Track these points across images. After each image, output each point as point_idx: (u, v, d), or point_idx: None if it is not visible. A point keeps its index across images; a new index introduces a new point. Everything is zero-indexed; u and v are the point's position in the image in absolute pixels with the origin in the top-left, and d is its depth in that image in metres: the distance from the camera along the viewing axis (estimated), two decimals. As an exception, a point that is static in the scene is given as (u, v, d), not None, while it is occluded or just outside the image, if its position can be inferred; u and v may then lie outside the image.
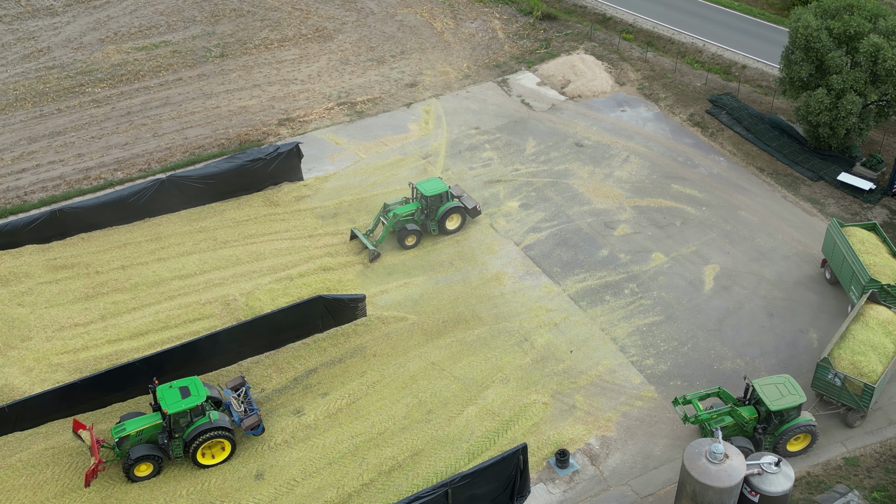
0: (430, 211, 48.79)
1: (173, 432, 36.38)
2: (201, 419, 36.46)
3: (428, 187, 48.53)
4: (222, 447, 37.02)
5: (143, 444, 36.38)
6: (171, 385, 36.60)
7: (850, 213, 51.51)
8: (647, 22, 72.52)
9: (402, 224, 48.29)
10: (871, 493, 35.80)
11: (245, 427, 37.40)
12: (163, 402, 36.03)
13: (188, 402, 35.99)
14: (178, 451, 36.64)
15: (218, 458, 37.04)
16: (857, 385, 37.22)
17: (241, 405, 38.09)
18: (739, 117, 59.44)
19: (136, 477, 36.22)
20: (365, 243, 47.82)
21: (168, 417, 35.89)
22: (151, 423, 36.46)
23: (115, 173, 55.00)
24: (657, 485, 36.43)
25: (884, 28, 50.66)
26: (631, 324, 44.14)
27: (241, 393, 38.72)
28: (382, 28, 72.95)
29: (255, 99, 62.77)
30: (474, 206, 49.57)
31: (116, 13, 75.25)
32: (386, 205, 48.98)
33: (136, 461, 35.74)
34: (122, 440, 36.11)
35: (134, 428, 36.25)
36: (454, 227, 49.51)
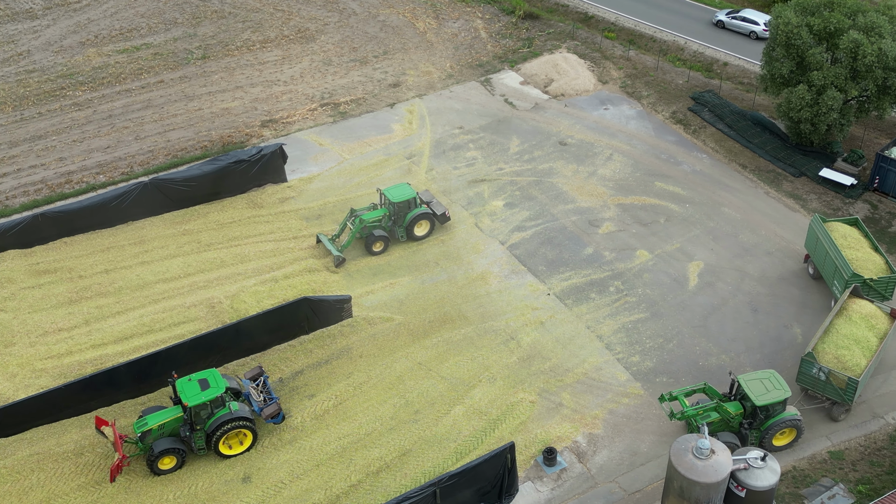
0: (398, 217, 48.29)
1: (195, 424, 36.64)
2: (222, 410, 36.75)
3: (395, 193, 48.02)
4: (244, 437, 37.38)
5: (166, 437, 36.68)
6: (191, 378, 36.81)
7: (832, 208, 51.86)
8: (628, 20, 72.76)
9: (369, 230, 47.91)
10: (856, 486, 36.06)
11: (266, 416, 37.87)
12: (183, 395, 36.20)
13: (208, 394, 36.24)
14: (200, 442, 36.93)
15: (240, 448, 37.45)
16: (841, 379, 37.47)
17: (260, 395, 38.63)
18: (721, 114, 59.73)
19: (160, 470, 36.53)
20: (329, 248, 47.28)
21: (189, 410, 36.14)
22: (173, 416, 36.69)
23: (97, 177, 54.68)
24: (644, 481, 36.57)
25: (863, 24, 51.01)
26: (616, 321, 44.28)
27: (259, 383, 39.21)
28: (365, 28, 72.86)
29: (238, 101, 62.55)
30: (443, 213, 48.97)
31: (97, 16, 74.80)
32: (353, 209, 48.46)
33: (159, 455, 35.99)
34: (144, 434, 36.39)
35: (156, 422, 36.53)
36: (423, 233, 49.01)
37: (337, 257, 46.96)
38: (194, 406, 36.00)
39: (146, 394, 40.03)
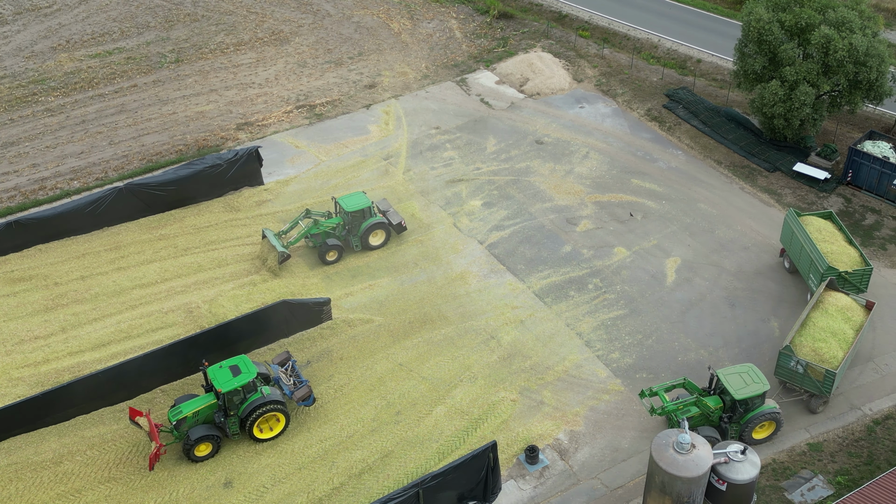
0: (353, 226, 47.74)
1: (228, 410, 37.25)
2: (254, 395, 37.39)
3: (350, 202, 47.41)
4: (277, 420, 37.92)
5: (201, 424, 37.22)
6: (221, 365, 37.48)
7: (806, 202, 52.34)
8: (602, 19, 73.07)
9: (322, 238, 47.49)
10: (834, 477, 36.40)
11: (297, 399, 38.31)
12: (215, 381, 36.80)
13: (240, 380, 36.88)
14: (234, 428, 37.62)
15: (274, 431, 38.01)
16: (818, 371, 37.80)
17: (290, 378, 39.18)
18: (696, 111, 60.12)
19: (197, 457, 37.03)
20: (274, 244, 46.35)
21: (222, 396, 36.70)
22: (206, 403, 37.27)
23: (71, 183, 54.17)
24: (626, 477, 36.72)
25: (833, 19, 51.50)
26: (596, 318, 44.44)
27: (287, 367, 39.78)
28: (339, 30, 72.68)
29: (213, 104, 62.19)
30: (399, 222, 48.34)
31: (68, 20, 74.12)
32: (308, 210, 47.86)
33: (196, 442, 36.54)
34: (179, 422, 36.89)
35: (190, 409, 37.07)
36: (378, 242, 48.37)
37: (282, 253, 46.04)
38: (227, 392, 36.60)
39: (125, 400, 39.72)
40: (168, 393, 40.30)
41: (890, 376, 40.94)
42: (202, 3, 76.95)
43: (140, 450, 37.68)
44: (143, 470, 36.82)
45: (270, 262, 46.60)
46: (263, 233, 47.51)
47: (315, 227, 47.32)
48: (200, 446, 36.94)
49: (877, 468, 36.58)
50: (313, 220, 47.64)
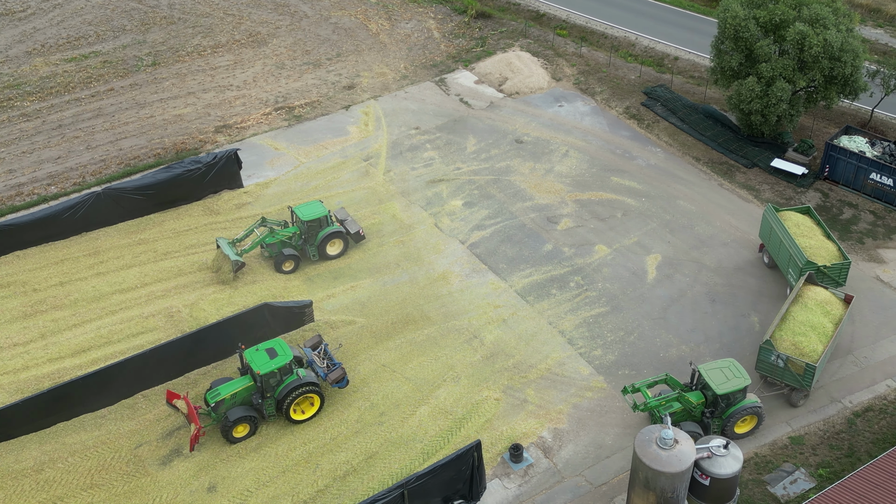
0: (309, 236, 47.15)
1: (265, 392, 37.91)
2: (290, 377, 38.14)
3: (306, 211, 46.79)
4: (311, 402, 38.76)
5: (238, 406, 37.91)
6: (258, 348, 38.19)
7: (784, 197, 52.73)
8: (580, 17, 73.32)
9: (278, 248, 46.99)
10: (816, 470, 36.70)
11: (331, 381, 39.06)
12: (253, 364, 37.46)
13: (277, 362, 37.58)
14: (270, 409, 38.37)
15: (309, 412, 38.81)
16: (799, 365, 38.09)
17: (323, 361, 39.94)
18: (674, 108, 60.44)
19: (235, 438, 37.80)
20: (227, 253, 45.65)
21: (259, 378, 37.38)
22: (243, 385, 37.98)
23: (48, 188, 53.73)
24: (610, 473, 36.86)
25: (808, 16, 51.93)
26: (578, 316, 44.58)
27: (320, 351, 40.50)
28: (317, 31, 72.49)
29: (191, 107, 61.87)
30: (357, 231, 47.85)
31: (42, 24, 73.51)
32: (264, 218, 47.06)
33: (234, 423, 37.27)
34: (217, 404, 37.51)
35: (228, 391, 37.75)
36: (335, 252, 47.76)
37: (236, 262, 45.42)
38: (265, 374, 37.21)
39: (107, 406, 39.44)
40: (149, 398, 40.07)
41: (869, 369, 41.33)
42: (178, 6, 76.53)
43: (121, 456, 37.44)
44: (125, 476, 36.58)
45: (224, 272, 45.92)
46: (217, 242, 46.81)
47: (271, 236, 46.72)
48: (238, 427, 37.72)
49: (858, 460, 36.91)
50: (269, 229, 46.95)
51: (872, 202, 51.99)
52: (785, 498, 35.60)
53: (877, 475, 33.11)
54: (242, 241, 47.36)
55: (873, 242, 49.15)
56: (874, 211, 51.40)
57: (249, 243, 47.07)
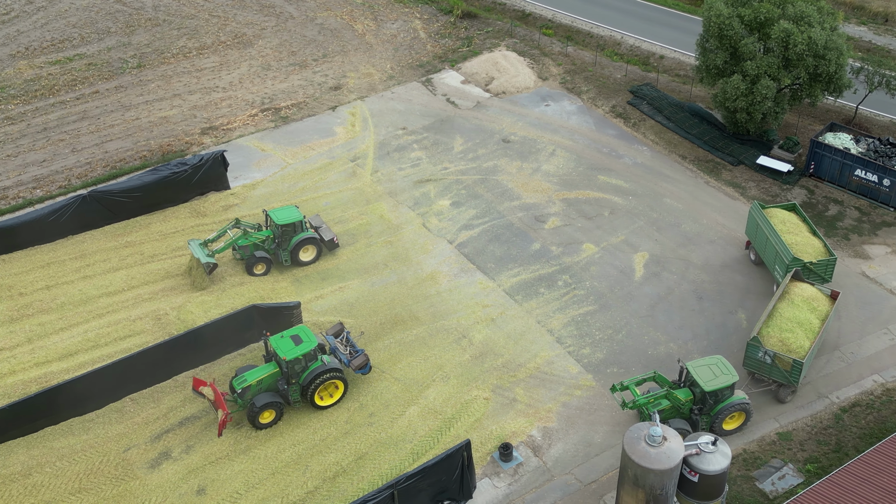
0: (283, 240, 46.77)
1: (290, 378, 38.49)
2: (314, 363, 38.79)
3: (281, 215, 46.54)
4: (336, 387, 39.40)
5: (264, 392, 38.54)
6: (283, 335, 38.79)
7: (770, 194, 52.98)
8: (565, 17, 73.47)
9: (251, 251, 46.71)
10: (804, 465, 36.88)
11: (355, 367, 39.81)
12: (279, 350, 38.09)
13: (302, 349, 38.21)
14: (295, 395, 39.00)
15: (334, 397, 39.49)
16: (786, 361, 38.26)
17: (346, 348, 40.65)
18: (660, 107, 60.64)
19: (262, 424, 38.43)
20: (198, 255, 45.21)
21: (285, 364, 38.00)
22: (269, 372, 38.63)
23: (33, 191, 53.44)
24: (600, 471, 36.95)
25: (792, 14, 52.20)
26: (566, 315, 44.66)
27: (342, 338, 41.21)
28: (303, 32, 72.37)
29: (176, 109, 61.66)
30: (331, 239, 47.54)
31: (26, 27, 73.10)
32: (238, 220, 46.81)
33: (261, 409, 37.86)
34: (244, 391, 38.10)
35: (254, 378, 38.36)
36: (308, 258, 47.28)
37: (207, 263, 45.11)
38: (290, 360, 37.82)
39: (94, 409, 39.27)
40: (137, 401, 39.92)
41: (856, 364, 41.57)
42: (163, 8, 76.27)
43: (110, 459, 37.29)
44: (113, 479, 36.43)
45: (196, 275, 45.68)
46: (188, 244, 46.37)
47: (244, 239, 46.48)
48: (265, 413, 38.27)
49: (845, 455, 37.12)
50: (242, 231, 46.64)
51: (858, 198, 52.30)
52: (773, 493, 35.77)
53: (864, 470, 33.31)
54: (215, 242, 47.00)
55: (859, 238, 49.44)
56: (859, 207, 51.71)
57: (222, 244, 46.70)
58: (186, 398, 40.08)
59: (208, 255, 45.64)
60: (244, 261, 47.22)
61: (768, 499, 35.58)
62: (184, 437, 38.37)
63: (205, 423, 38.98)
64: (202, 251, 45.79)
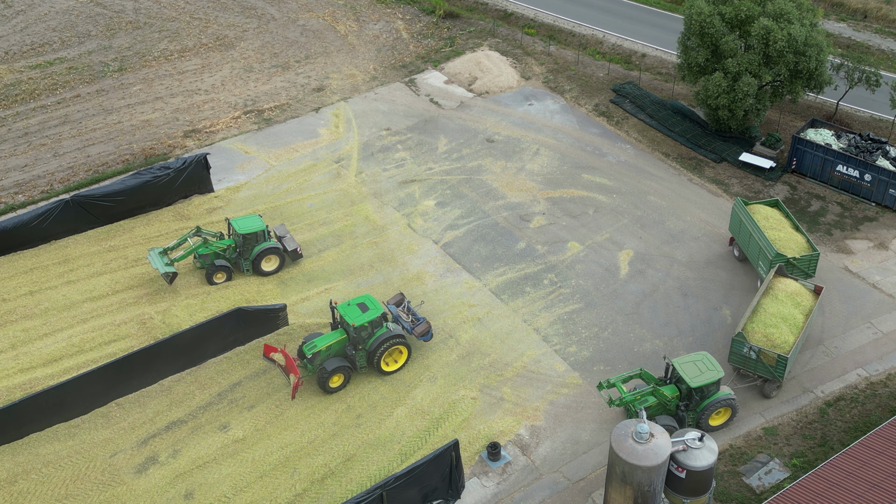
0: (245, 249, 46.21)
1: (357, 344, 40.18)
2: (380, 330, 40.47)
3: (243, 224, 46.02)
4: (399, 352, 41.13)
5: (333, 357, 40.23)
6: (350, 303, 40.50)
7: (752, 191, 53.27)
8: (547, 16, 73.62)
9: (211, 259, 46.25)
10: (790, 459, 37.12)
11: (418, 334, 41.47)
12: (347, 317, 39.71)
13: (368, 316, 39.84)
14: (362, 361, 40.67)
15: (398, 363, 41.17)
16: (771, 356, 38.50)
17: (408, 316, 42.28)
18: (642, 105, 60.86)
19: (331, 388, 40.05)
20: (157, 266, 44.52)
21: (353, 330, 39.64)
22: (337, 338, 40.37)
23: (15, 197, 53.07)
24: (588, 469, 37.06)
25: (772, 11, 52.50)
26: (552, 313, 44.76)
27: (403, 307, 42.81)
28: (285, 33, 72.19)
29: (159, 112, 61.38)
30: (294, 249, 47.04)
31: (5, 31, 72.58)
32: (199, 228, 46.23)
33: (331, 373, 39.50)
34: (314, 356, 39.80)
35: (324, 343, 40.06)
36: (271, 268, 46.84)
37: (166, 273, 44.60)
38: (358, 326, 39.46)
39: (80, 415, 39.04)
40: (123, 406, 39.72)
41: (840, 358, 41.87)
42: (144, 11, 75.90)
43: (96, 465, 37.08)
44: (100, 485, 36.22)
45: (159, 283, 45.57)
46: (148, 254, 45.77)
47: (204, 247, 46.13)
48: (334, 377, 39.84)
49: (830, 449, 37.38)
50: (203, 239, 46.19)
51: (840, 194, 52.68)
52: (760, 488, 35.98)
53: (849, 463, 33.56)
54: (174, 250, 46.45)
55: (841, 233, 49.80)
56: (841, 202, 52.08)
57: (182, 252, 45.99)
58: (173, 402, 39.93)
59: (167, 265, 44.97)
60: (204, 269, 46.64)
61: (755, 494, 35.79)
62: (170, 442, 38.21)
63: (191, 427, 38.83)
64: (161, 261, 45.05)
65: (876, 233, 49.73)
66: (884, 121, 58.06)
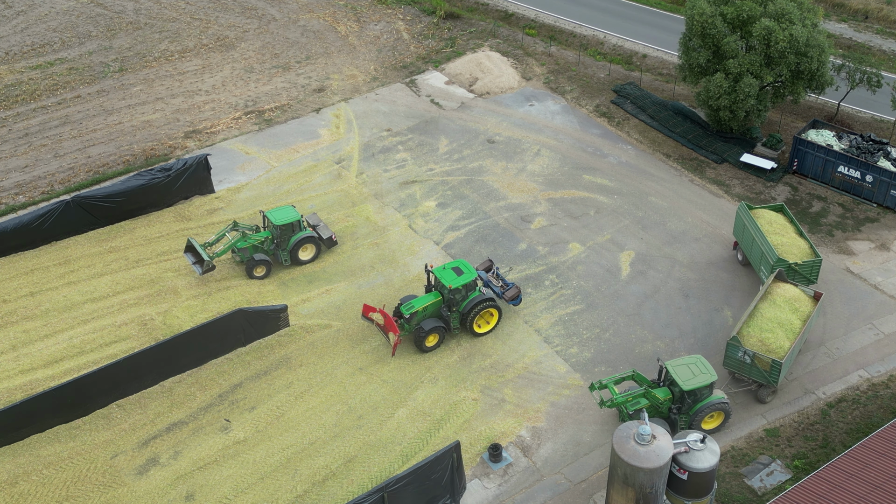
0: (282, 241, 46.80)
1: (451, 306, 41.98)
2: (473, 293, 42.34)
3: (278, 216, 46.54)
4: (490, 315, 42.95)
5: (429, 318, 42.00)
6: (445, 267, 42.40)
7: (753, 192, 53.23)
8: (548, 17, 73.59)
9: (250, 253, 46.57)
10: (792, 461, 37.08)
11: (508, 298, 43.41)
12: (443, 279, 41.69)
13: (463, 279, 41.76)
14: (455, 322, 42.47)
15: (490, 325, 43.09)
16: (765, 361, 38.17)
17: (498, 281, 44.34)
18: (643, 105, 60.82)
19: (427, 347, 41.99)
20: (200, 253, 45.45)
21: (448, 292, 41.54)
22: (433, 300, 42.19)
23: (16, 198, 53.04)
24: (589, 470, 37.02)
25: (773, 11, 52.46)
26: (553, 314, 44.72)
27: (493, 273, 44.82)
28: (285, 34, 72.15)
29: (159, 112, 61.35)
30: (329, 237, 47.58)
31: (6, 32, 72.55)
32: (236, 223, 46.76)
33: (428, 332, 41.44)
34: (412, 316, 41.62)
35: (421, 304, 41.88)
36: (307, 257, 47.42)
37: (207, 262, 45.19)
38: (453, 289, 41.30)
39: (81, 416, 39.01)
40: (123, 408, 39.69)
41: (841, 360, 41.83)
42: (144, 11, 75.88)
43: (97, 467, 37.05)
44: (101, 487, 36.20)
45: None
46: (189, 242, 46.22)
47: (242, 241, 46.38)
48: (430, 337, 41.75)
49: (832, 451, 37.35)
50: (241, 233, 46.50)
51: (841, 195, 52.63)
52: (762, 490, 35.95)
53: (851, 465, 33.51)
54: (214, 245, 46.96)
55: (842, 234, 49.76)
56: (843, 203, 52.05)
57: (221, 247, 46.62)
58: (174, 403, 39.89)
59: (209, 256, 45.65)
60: (244, 263, 47.01)
61: (757, 495, 35.75)
62: (171, 443, 38.19)
63: (192, 428, 38.80)
64: (203, 250, 45.78)
65: (877, 234, 49.70)
66: (885, 121, 58.02)
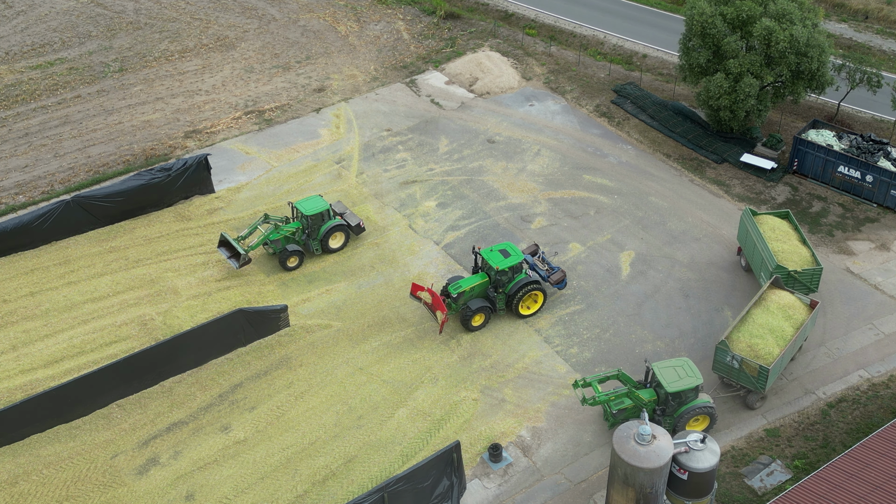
0: (312, 230, 47.37)
1: (497, 288, 42.77)
2: (519, 275, 43.07)
3: (308, 206, 47.07)
4: (535, 298, 43.64)
5: (476, 298, 42.88)
6: (492, 249, 43.14)
7: (754, 192, 53.23)
8: (548, 17, 73.59)
9: (282, 244, 47.00)
10: (792, 461, 37.07)
11: (553, 281, 44.12)
12: (490, 261, 42.43)
13: (510, 261, 42.51)
14: (501, 303, 43.22)
15: (534, 308, 43.76)
16: (753, 367, 37.84)
17: (544, 264, 44.96)
18: (644, 105, 60.81)
19: (473, 327, 42.89)
20: (235, 247, 46.12)
21: (495, 273, 42.40)
22: (480, 281, 43.17)
23: (16, 197, 53.03)
24: (589, 470, 37.01)
25: (774, 11, 52.45)
26: (553, 314, 44.71)
27: (538, 256, 45.45)
28: (286, 34, 72.15)
29: (159, 112, 61.34)
30: (358, 224, 48.25)
31: (6, 32, 72.55)
32: (267, 215, 47.16)
33: (474, 312, 42.29)
34: (459, 295, 42.54)
35: (468, 285, 42.85)
36: (338, 245, 48.19)
37: (243, 256, 45.82)
38: (501, 270, 42.12)
39: (81, 416, 39.00)
40: (124, 407, 39.68)
41: (841, 360, 41.82)
42: (144, 11, 75.87)
43: (97, 467, 37.05)
44: (101, 487, 36.20)
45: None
46: (222, 237, 46.93)
47: (275, 233, 46.88)
48: (476, 317, 42.61)
49: (832, 451, 37.35)
50: (273, 225, 47.17)
51: (841, 195, 52.62)
52: (762, 490, 35.95)
53: (851, 465, 33.52)
54: (248, 238, 47.55)
55: (843, 234, 49.76)
56: (843, 203, 52.04)
57: (255, 240, 47.13)
58: (174, 403, 39.89)
59: (244, 250, 46.18)
60: (277, 255, 47.54)
61: (757, 495, 35.75)
62: (172, 443, 38.19)
63: (192, 428, 38.79)
64: (238, 245, 46.33)
65: (877, 234, 49.70)
66: (885, 122, 58.02)
